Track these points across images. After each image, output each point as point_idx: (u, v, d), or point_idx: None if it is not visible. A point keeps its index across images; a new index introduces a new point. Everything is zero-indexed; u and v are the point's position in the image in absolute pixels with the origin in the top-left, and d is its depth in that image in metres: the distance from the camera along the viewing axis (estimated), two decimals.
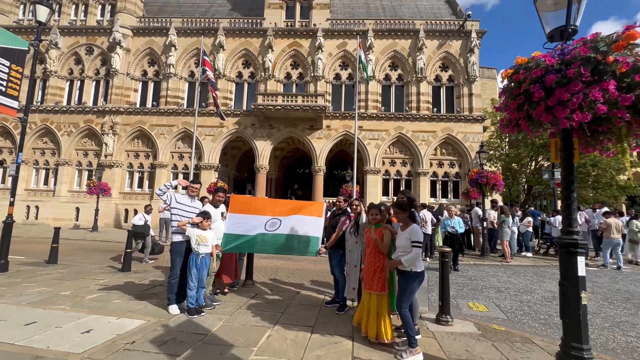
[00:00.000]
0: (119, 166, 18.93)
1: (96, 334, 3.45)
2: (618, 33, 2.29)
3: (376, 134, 18.57)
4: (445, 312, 4.24)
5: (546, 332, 4.36)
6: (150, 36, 19.95)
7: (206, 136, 18.88)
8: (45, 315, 3.98)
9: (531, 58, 2.62)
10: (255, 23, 20.01)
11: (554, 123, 2.46)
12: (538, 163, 19.83)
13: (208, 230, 4.42)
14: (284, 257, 9.20)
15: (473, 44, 18.53)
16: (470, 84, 18.64)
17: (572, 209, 2.72)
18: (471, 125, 18.39)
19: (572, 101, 2.27)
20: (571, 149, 2.72)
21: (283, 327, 3.88)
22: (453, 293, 5.91)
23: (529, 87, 2.49)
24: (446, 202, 17.74)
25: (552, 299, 5.90)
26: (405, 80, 19.30)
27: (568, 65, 2.34)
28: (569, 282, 2.60)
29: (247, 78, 19.99)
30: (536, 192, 22.13)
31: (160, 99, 19.53)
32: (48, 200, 18.68)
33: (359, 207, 4.63)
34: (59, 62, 19.77)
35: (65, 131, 19.26)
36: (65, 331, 3.51)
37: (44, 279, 5.88)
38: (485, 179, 10.83)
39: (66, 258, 8.29)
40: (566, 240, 2.65)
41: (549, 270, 8.89)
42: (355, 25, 19.74)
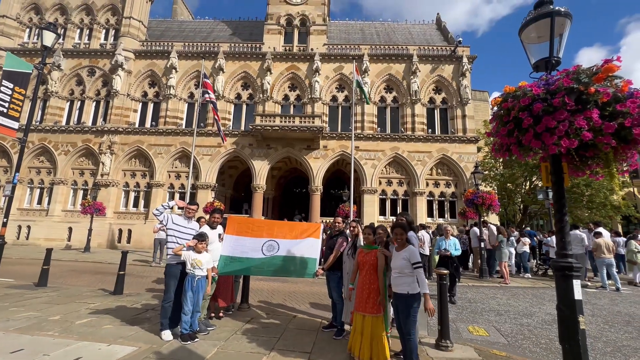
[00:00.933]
0: (115, 185, 18.85)
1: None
2: (597, 66, 2.44)
3: (372, 154, 18.81)
4: (444, 336, 4.16)
5: (547, 357, 4.28)
6: (151, 59, 20.51)
7: (204, 156, 19.00)
8: (33, 342, 3.84)
9: (518, 87, 2.76)
10: (254, 47, 20.71)
11: (543, 148, 2.56)
12: (532, 183, 20.05)
13: (204, 253, 4.38)
14: (280, 279, 9.03)
15: (464, 68, 19.25)
16: (463, 106, 19.18)
17: (565, 231, 2.76)
18: (465, 146, 18.74)
19: (558, 128, 2.38)
20: (561, 173, 2.81)
21: (279, 354, 3.77)
22: (452, 316, 5.81)
23: (517, 114, 2.60)
24: (444, 221, 17.73)
25: (553, 322, 5.82)
26: (400, 102, 19.82)
27: (553, 94, 2.47)
28: (566, 306, 2.60)
29: (245, 99, 20.42)
30: (532, 212, 22.22)
31: (160, 119, 19.78)
32: (40, 219, 18.39)
33: (356, 229, 4.64)
34: (60, 83, 20.13)
35: (62, 150, 19.29)
36: (53, 359, 3.38)
37: (32, 302, 5.71)
38: (481, 199, 10.92)
39: (56, 280, 8.08)
40: (561, 264, 2.68)
41: (548, 291, 8.79)
42: (351, 50, 20.49)
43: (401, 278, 3.38)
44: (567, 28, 2.94)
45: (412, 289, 3.30)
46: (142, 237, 17.50)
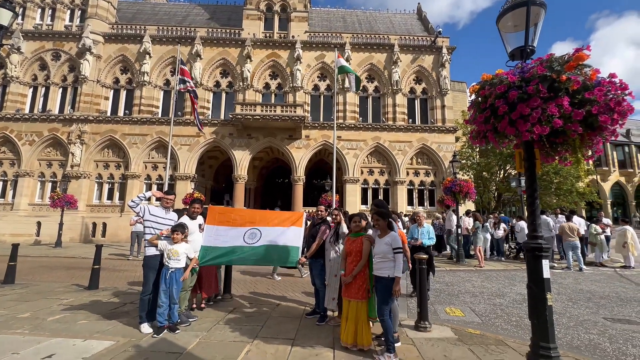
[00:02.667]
0: (86, 177, 17.94)
1: (59, 359, 3.20)
2: (569, 54, 2.53)
3: (354, 144, 18.91)
4: (423, 318, 4.33)
5: (518, 333, 4.55)
6: (123, 43, 19.37)
7: (182, 146, 18.39)
8: (1, 340, 3.65)
9: (495, 75, 2.83)
10: (233, 33, 20.01)
11: (517, 135, 2.65)
12: (506, 171, 20.94)
13: (181, 243, 4.26)
14: (263, 269, 9.02)
15: (444, 59, 19.54)
16: (443, 96, 19.56)
17: (536, 215, 2.91)
18: (444, 136, 19.21)
19: (532, 115, 2.47)
20: (533, 159, 2.93)
21: (263, 341, 3.79)
22: (431, 299, 6.04)
23: (494, 101, 2.68)
24: (423, 210, 18.26)
25: (523, 301, 6.18)
26: (382, 92, 19.92)
27: (528, 82, 2.55)
28: (535, 284, 2.75)
29: (225, 87, 19.81)
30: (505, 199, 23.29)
31: (134, 107, 18.86)
32: (5, 214, 17.28)
33: (338, 217, 4.68)
34: (21, 68, 18.67)
35: (26, 140, 18.06)
36: (23, 357, 3.23)
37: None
38: (459, 187, 11.29)
39: (25, 277, 7.67)
40: (531, 245, 2.82)
41: (519, 273, 9.32)
42: (333, 38, 20.25)
43: (384, 262, 3.47)
44: (542, 17, 3.02)
45: (393, 273, 3.39)
46: (118, 231, 16.87)
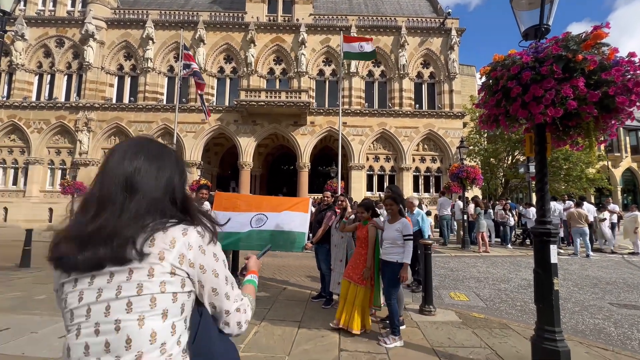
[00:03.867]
0: (95, 164, 18.16)
1: None
2: (587, 33, 2.42)
3: (360, 130, 18.72)
4: (428, 302, 4.38)
5: (522, 317, 4.59)
6: (126, 28, 19.15)
7: (187, 133, 18.42)
8: (19, 321, 3.80)
9: (508, 55, 2.72)
10: (236, 17, 19.60)
11: (530, 118, 2.58)
12: (514, 157, 20.61)
13: None
14: (269, 254, 9.14)
15: (453, 42, 18.96)
16: (451, 80, 19.09)
17: (545, 200, 2.86)
18: (452, 121, 18.87)
19: (545, 97, 2.38)
20: (544, 143, 2.86)
21: (270, 323, 3.88)
22: (435, 284, 6.09)
23: (506, 83, 2.59)
24: (429, 196, 18.20)
25: (528, 287, 6.20)
26: (388, 76, 19.51)
27: (542, 62, 2.45)
28: (543, 269, 2.74)
29: (229, 73, 19.60)
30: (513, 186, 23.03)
31: (138, 94, 18.84)
32: (18, 201, 17.70)
33: (344, 203, 4.69)
34: (26, 55, 18.66)
35: (35, 128, 18.26)
36: (42, 336, 3.37)
37: (16, 283, 5.60)
38: (466, 174, 11.18)
39: (40, 261, 7.89)
40: (540, 230, 2.79)
41: (524, 260, 9.32)
42: (338, 20, 19.72)
43: (393, 248, 3.51)
44: None
45: (402, 259, 3.43)
46: None
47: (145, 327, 0.76)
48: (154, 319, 0.77)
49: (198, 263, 0.86)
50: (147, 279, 0.78)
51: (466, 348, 3.34)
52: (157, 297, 0.78)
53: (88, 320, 0.77)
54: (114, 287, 0.77)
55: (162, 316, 0.78)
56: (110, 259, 0.78)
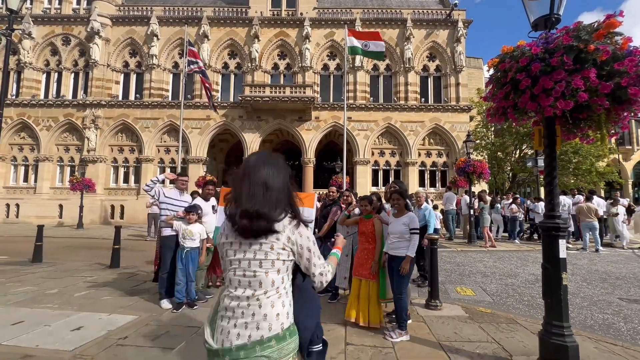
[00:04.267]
0: (102, 161, 18.41)
1: (87, 331, 3.41)
2: (599, 22, 2.35)
3: (365, 125, 18.61)
4: (434, 297, 4.37)
5: (529, 312, 4.56)
6: (130, 25, 19.21)
7: (193, 129, 18.51)
8: (33, 314, 3.90)
9: (516, 47, 2.67)
10: (240, 12, 19.51)
11: (539, 111, 2.53)
12: (522, 151, 20.32)
13: (195, 224, 4.37)
14: None
15: (460, 34, 18.63)
16: (457, 73, 18.81)
17: (554, 194, 2.82)
18: (458, 115, 18.64)
19: (555, 89, 2.33)
20: (554, 137, 2.81)
21: None
22: (442, 279, 6.07)
23: (515, 75, 2.54)
24: (435, 191, 18.09)
25: (535, 282, 6.15)
26: (394, 70, 19.30)
27: (552, 53, 2.39)
28: (551, 264, 2.71)
29: (233, 69, 19.58)
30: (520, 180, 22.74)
31: (144, 91, 18.95)
32: (29, 197, 18.05)
33: (349, 198, 4.68)
34: (33, 53, 18.86)
35: (43, 125, 18.53)
36: (55, 329, 3.45)
37: (29, 278, 5.74)
38: (472, 168, 11.05)
39: (51, 256, 8.08)
40: (549, 224, 2.76)
41: (532, 254, 9.23)
42: (343, 14, 19.50)
43: (400, 242, 3.51)
44: None
45: (410, 252, 3.43)
46: (135, 213, 17.43)
47: (269, 277, 1.29)
48: (273, 273, 1.29)
49: (298, 243, 1.33)
50: (270, 250, 1.29)
51: (473, 342, 3.34)
52: (275, 262, 1.29)
53: (239, 267, 1.31)
54: (252, 252, 1.29)
55: (277, 272, 1.30)
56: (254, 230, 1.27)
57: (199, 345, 3.14)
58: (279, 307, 1.28)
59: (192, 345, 3.15)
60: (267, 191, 1.31)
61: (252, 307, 1.26)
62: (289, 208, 1.35)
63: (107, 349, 3.04)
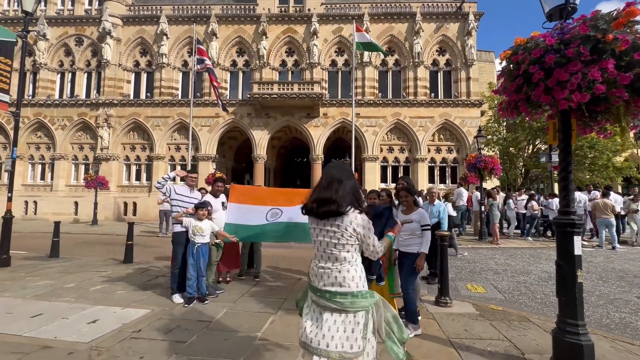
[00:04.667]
0: (115, 159, 18.81)
1: (102, 324, 3.51)
2: (618, 10, 2.26)
3: (373, 121, 18.46)
4: (444, 294, 4.33)
5: (542, 310, 4.48)
6: (140, 25, 19.47)
7: (202, 127, 18.71)
8: (51, 307, 4.03)
9: (530, 38, 2.59)
10: (248, 9, 19.54)
11: (553, 104, 2.46)
12: (535, 146, 19.87)
13: (205, 220, 4.42)
14: (284, 246, 9.28)
15: (470, 27, 18.23)
16: (468, 67, 18.44)
17: (569, 189, 2.74)
18: (469, 110, 18.30)
19: (570, 81, 2.26)
20: (569, 131, 2.73)
21: (286, 313, 3.96)
22: (452, 276, 6.01)
23: (528, 68, 2.47)
24: (445, 187, 17.85)
25: (548, 279, 6.03)
26: (402, 65, 19.05)
27: (567, 44, 2.32)
28: (566, 261, 2.65)
29: (241, 66, 19.67)
30: (533, 176, 22.26)
31: (154, 89, 19.23)
32: (46, 195, 18.62)
33: None
34: (48, 54, 19.33)
35: (59, 125, 19.02)
36: (72, 322, 3.56)
37: (47, 272, 5.93)
38: (484, 164, 10.86)
39: (68, 252, 8.33)
40: (563, 220, 2.69)
41: (545, 251, 9.04)
42: (351, 9, 19.31)
43: (412, 239, 3.50)
44: None
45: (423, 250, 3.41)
46: (147, 210, 17.79)
47: (342, 254, 1.78)
48: (344, 252, 1.79)
49: (360, 230, 1.79)
50: (341, 236, 1.77)
51: (484, 340, 3.30)
52: (344, 244, 1.78)
53: (320, 245, 1.84)
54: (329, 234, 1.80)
55: (347, 251, 1.79)
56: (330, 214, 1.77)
57: (210, 339, 3.20)
58: (352, 272, 1.78)
59: (203, 339, 3.20)
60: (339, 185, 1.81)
61: (334, 272, 1.79)
62: (356, 203, 1.82)
63: (122, 341, 3.12)
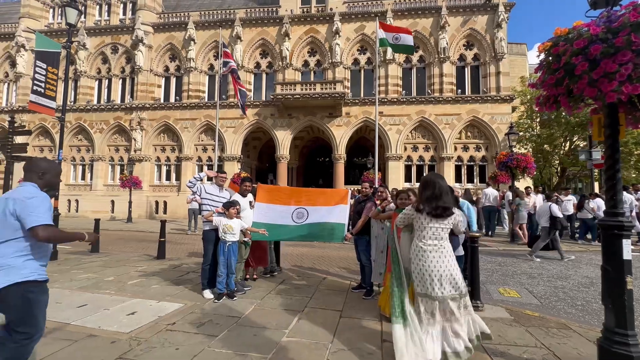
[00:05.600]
0: (147, 160, 19.82)
1: (140, 316, 3.72)
2: None
3: (397, 119, 18.14)
4: (475, 297, 4.17)
5: (584, 318, 4.20)
6: (170, 32, 20.37)
7: (227, 128, 19.27)
8: (94, 298, 4.33)
9: (572, 28, 2.43)
10: (271, 11, 19.86)
11: (599, 97, 2.29)
12: (573, 143, 18.64)
13: (234, 219, 4.54)
14: (307, 245, 9.36)
15: (500, 18, 17.41)
16: (498, 61, 17.63)
17: (617, 189, 2.55)
18: (499, 106, 17.50)
19: (620, 72, 2.10)
20: (616, 126, 2.53)
21: (312, 311, 3.99)
22: (482, 279, 5.76)
23: (569, 59, 2.31)
24: (472, 187, 17.20)
25: (590, 285, 5.64)
26: (427, 61, 18.56)
27: (615, 33, 2.15)
28: (613, 266, 2.46)
29: (265, 68, 20.03)
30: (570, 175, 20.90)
31: (183, 93, 20.06)
32: (86, 194, 19.98)
33: (384, 193, 4.60)
34: (87, 62, 20.71)
35: (97, 128, 20.34)
36: (113, 313, 3.80)
37: (89, 266, 6.37)
38: (516, 162, 10.34)
39: (107, 247, 8.90)
40: (611, 223, 2.50)
41: (585, 255, 8.46)
42: (373, 6, 19.08)
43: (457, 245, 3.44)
44: None
45: (458, 252, 3.36)
46: (176, 208, 18.60)
47: (444, 241, 2.74)
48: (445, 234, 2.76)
49: (458, 222, 2.81)
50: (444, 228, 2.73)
51: (519, 347, 3.15)
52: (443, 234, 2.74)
53: (427, 234, 2.72)
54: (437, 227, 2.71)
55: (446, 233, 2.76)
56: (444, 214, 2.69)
57: (240, 334, 3.29)
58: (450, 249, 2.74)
59: (234, 334, 3.30)
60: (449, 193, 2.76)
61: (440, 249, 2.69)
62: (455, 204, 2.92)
63: (158, 333, 3.29)
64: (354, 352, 2.97)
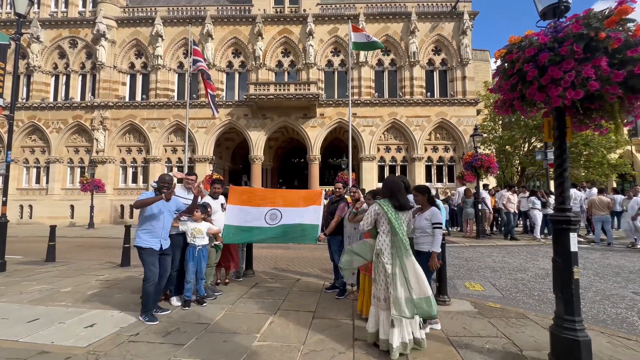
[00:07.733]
0: (111, 162, 18.69)
1: (100, 328, 3.48)
2: (610, 8, 2.29)
3: (370, 121, 18.50)
4: (442, 292, 4.35)
5: (540, 307, 4.51)
6: (135, 26, 19.38)
7: (199, 128, 18.65)
8: (48, 312, 3.99)
9: (524, 37, 2.61)
10: (243, 10, 19.51)
11: (547, 102, 2.47)
12: (531, 144, 19.99)
13: (202, 222, 4.39)
14: (282, 246, 9.27)
15: (465, 26, 18.33)
16: (464, 67, 18.54)
17: (564, 187, 2.76)
18: (465, 109, 18.40)
19: (564, 79, 2.28)
20: (564, 128, 2.75)
21: (284, 314, 3.95)
22: (450, 274, 6.03)
23: (522, 66, 2.48)
24: (442, 186, 17.92)
25: (545, 276, 6.07)
26: (398, 65, 19.12)
27: (561, 43, 2.33)
28: (562, 258, 2.67)
29: (237, 67, 19.63)
30: (529, 174, 22.41)
31: (150, 91, 19.14)
32: (41, 198, 18.46)
33: (356, 194, 4.67)
34: (42, 57, 19.18)
35: (53, 128, 18.88)
36: (69, 326, 3.53)
37: (43, 276, 5.88)
38: (480, 162, 10.92)
39: (64, 256, 8.26)
40: (559, 218, 2.71)
41: (542, 249, 9.10)
42: (346, 9, 19.35)
43: (424, 237, 3.52)
44: None
45: (436, 248, 3.43)
46: None
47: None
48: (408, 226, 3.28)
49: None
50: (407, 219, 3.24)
51: (482, 338, 3.31)
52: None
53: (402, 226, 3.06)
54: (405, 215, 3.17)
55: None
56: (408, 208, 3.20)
57: (209, 341, 3.19)
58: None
59: (202, 341, 3.19)
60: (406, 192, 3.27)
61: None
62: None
63: (120, 345, 3.10)
64: (326, 352, 2.97)
